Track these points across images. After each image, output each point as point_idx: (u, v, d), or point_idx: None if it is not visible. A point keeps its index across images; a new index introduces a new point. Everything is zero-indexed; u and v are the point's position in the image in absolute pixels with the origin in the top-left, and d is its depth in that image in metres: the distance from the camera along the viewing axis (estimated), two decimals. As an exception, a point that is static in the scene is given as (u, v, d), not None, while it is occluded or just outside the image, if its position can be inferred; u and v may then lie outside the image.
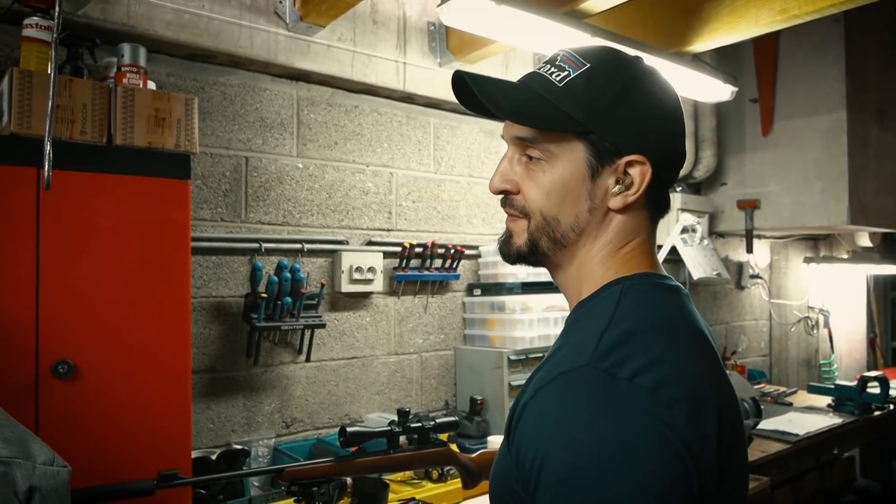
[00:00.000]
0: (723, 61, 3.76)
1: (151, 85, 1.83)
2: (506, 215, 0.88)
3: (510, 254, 0.86)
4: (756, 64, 3.98)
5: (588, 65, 0.79)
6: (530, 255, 0.84)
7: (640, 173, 0.79)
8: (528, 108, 0.79)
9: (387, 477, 1.95)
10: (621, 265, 0.82)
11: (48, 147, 1.39)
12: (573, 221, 0.81)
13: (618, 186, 0.79)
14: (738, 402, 0.80)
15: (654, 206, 0.83)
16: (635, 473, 0.63)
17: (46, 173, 1.39)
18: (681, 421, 0.67)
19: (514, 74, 3.08)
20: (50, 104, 1.41)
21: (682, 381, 0.70)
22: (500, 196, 0.87)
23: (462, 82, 0.83)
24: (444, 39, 2.80)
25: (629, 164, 0.79)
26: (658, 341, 0.73)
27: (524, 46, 2.45)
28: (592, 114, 0.77)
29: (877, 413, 3.33)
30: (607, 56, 0.81)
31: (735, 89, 3.04)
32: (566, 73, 0.79)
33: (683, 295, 0.83)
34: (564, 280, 0.86)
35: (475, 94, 0.81)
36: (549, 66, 0.82)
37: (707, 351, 0.79)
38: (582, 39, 2.26)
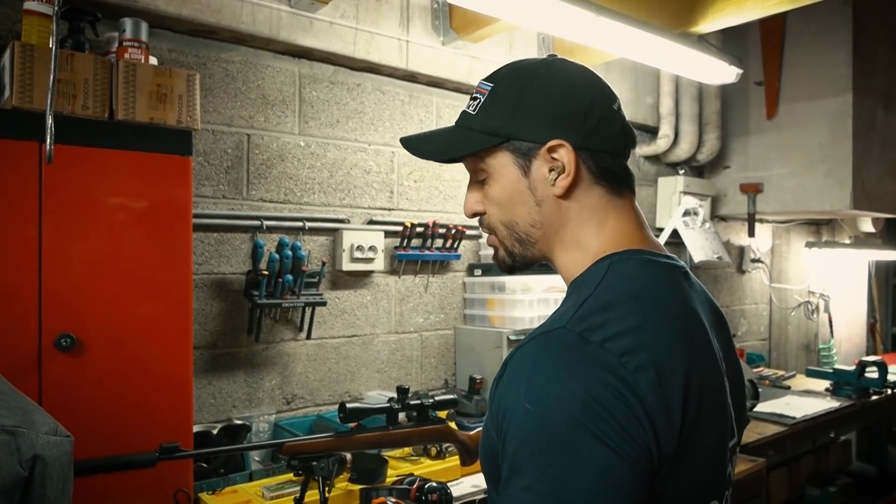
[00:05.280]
0: (728, 43, 3.73)
1: (153, 60, 1.83)
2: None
3: (502, 266, 0.95)
4: (762, 46, 3.94)
5: (493, 84, 0.88)
6: (514, 262, 0.92)
7: (565, 154, 0.84)
8: (449, 145, 0.90)
9: (386, 453, 1.97)
10: (609, 243, 0.85)
11: (50, 121, 1.40)
12: (528, 219, 0.88)
13: (552, 173, 0.85)
14: (721, 377, 0.82)
15: (607, 179, 0.86)
16: (594, 429, 0.68)
17: (48, 147, 1.39)
18: (645, 386, 0.70)
19: (518, 54, 3.06)
20: (51, 78, 1.41)
21: (652, 350, 0.73)
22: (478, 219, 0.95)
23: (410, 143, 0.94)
24: (447, 18, 2.77)
25: (551, 150, 0.84)
26: (636, 311, 0.76)
27: (528, 25, 2.43)
28: (503, 122, 0.86)
29: (874, 397, 3.35)
30: (509, 70, 0.89)
31: (740, 71, 3.01)
32: (478, 100, 0.89)
33: (679, 271, 0.85)
34: (560, 268, 0.91)
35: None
36: (470, 100, 0.91)
37: (693, 326, 0.81)
38: (586, 19, 2.24)
